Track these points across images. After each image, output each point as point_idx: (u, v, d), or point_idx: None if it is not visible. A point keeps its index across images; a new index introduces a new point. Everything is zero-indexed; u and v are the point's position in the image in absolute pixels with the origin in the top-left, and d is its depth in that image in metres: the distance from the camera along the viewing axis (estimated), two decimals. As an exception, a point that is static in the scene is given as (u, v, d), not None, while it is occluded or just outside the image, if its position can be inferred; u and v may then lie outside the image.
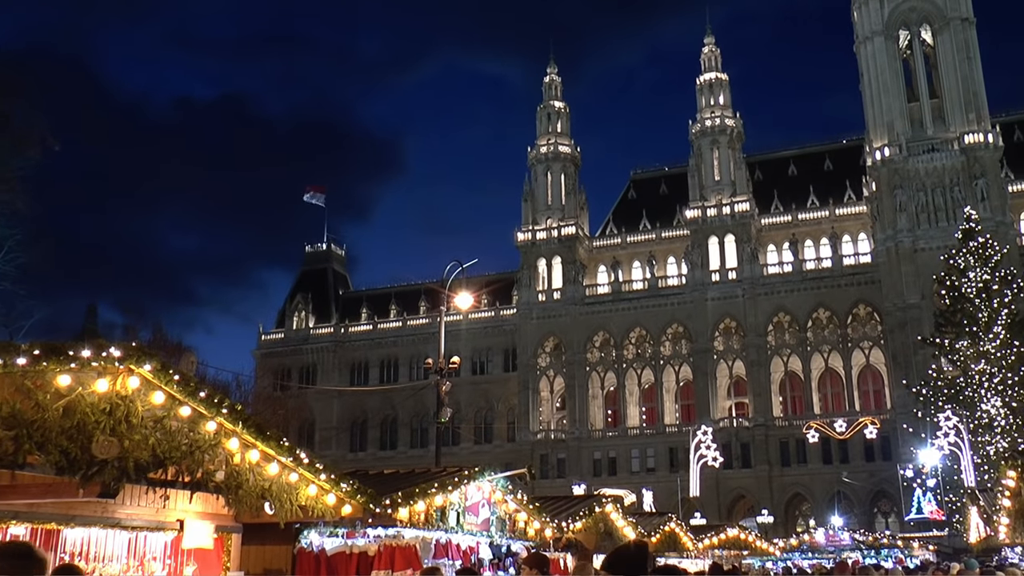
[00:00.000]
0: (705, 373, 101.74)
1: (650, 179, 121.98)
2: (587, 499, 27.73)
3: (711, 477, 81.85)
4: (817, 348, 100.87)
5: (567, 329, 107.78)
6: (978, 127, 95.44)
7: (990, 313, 68.56)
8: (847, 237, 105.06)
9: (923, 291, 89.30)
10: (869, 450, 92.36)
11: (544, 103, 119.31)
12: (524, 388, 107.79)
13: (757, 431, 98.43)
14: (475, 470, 17.27)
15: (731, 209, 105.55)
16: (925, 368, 76.82)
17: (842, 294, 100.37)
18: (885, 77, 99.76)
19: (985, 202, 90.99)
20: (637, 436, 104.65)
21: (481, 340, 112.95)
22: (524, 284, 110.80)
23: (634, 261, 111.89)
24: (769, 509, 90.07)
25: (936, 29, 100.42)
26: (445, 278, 34.66)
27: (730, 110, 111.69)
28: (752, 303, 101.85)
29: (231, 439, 10.37)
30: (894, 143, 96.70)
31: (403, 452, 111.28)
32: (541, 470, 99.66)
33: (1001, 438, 64.85)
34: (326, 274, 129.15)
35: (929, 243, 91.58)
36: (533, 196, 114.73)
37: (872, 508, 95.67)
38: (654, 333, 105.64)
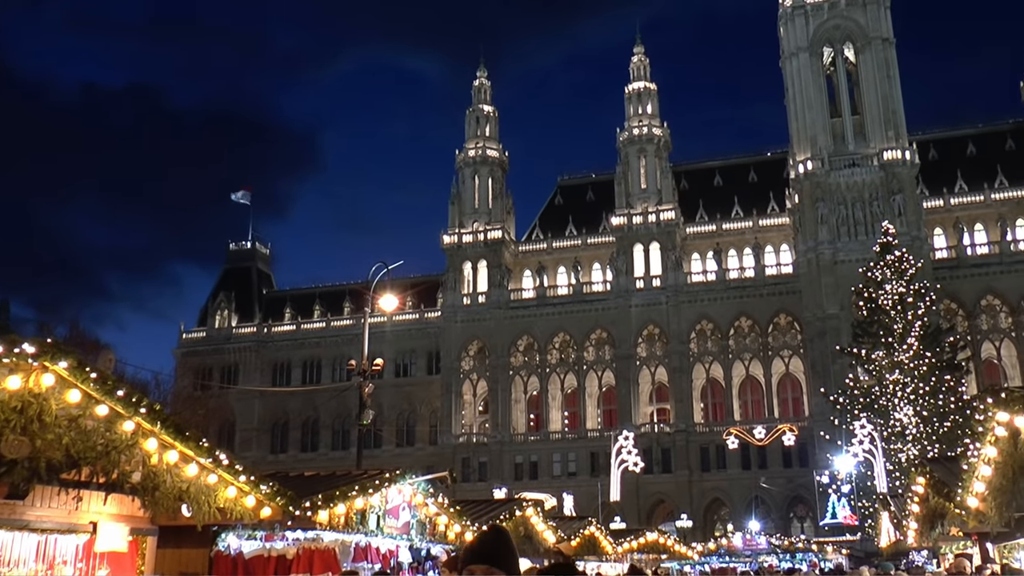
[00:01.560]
0: (628, 379, 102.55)
1: (577, 185, 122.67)
2: (508, 503, 27.78)
3: (632, 482, 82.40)
4: (738, 356, 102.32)
5: (491, 333, 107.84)
6: (896, 144, 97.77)
7: (904, 325, 70.26)
8: (770, 248, 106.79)
9: (842, 302, 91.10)
10: (787, 456, 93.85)
11: (473, 106, 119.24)
12: (447, 391, 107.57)
13: (678, 437, 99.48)
14: (396, 473, 17.19)
15: (657, 217, 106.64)
16: (842, 377, 78.40)
17: (764, 303, 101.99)
18: (809, 92, 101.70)
19: (902, 217, 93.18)
20: (559, 440, 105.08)
21: (405, 342, 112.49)
22: (449, 287, 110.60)
23: (560, 266, 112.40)
24: (688, 514, 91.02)
25: (859, 48, 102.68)
26: (370, 279, 34.47)
27: (658, 119, 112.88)
28: (675, 310, 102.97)
29: (149, 439, 10.18)
30: (817, 157, 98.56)
31: (324, 454, 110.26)
32: (463, 473, 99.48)
33: (912, 446, 66.47)
34: (250, 273, 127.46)
35: (848, 255, 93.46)
36: (460, 199, 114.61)
37: (789, 513, 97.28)
38: (578, 338, 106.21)
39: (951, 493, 15.40)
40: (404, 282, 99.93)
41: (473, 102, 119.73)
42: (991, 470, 11.87)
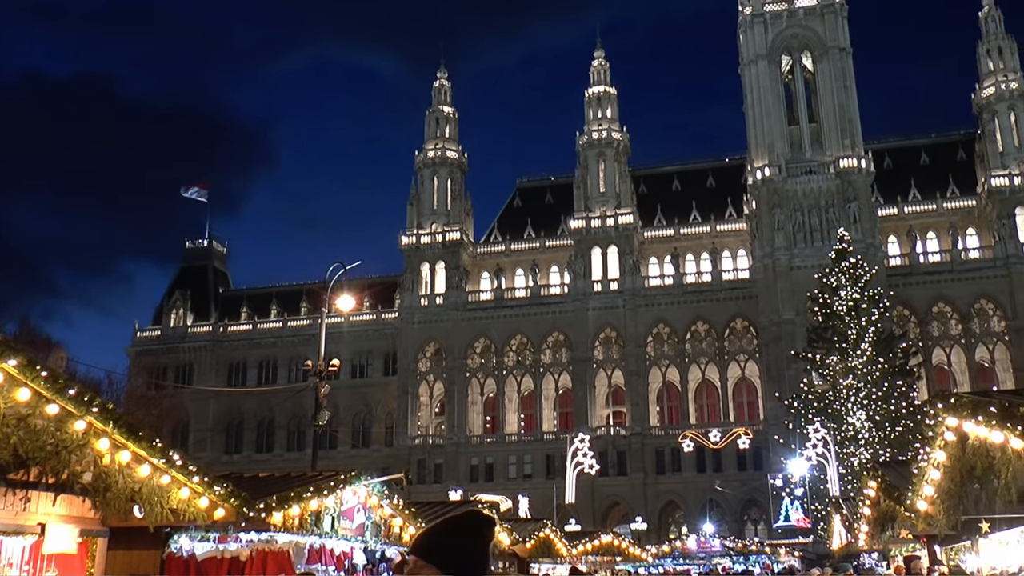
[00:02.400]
0: (584, 382, 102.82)
1: (536, 188, 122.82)
2: (463, 505, 27.74)
3: (587, 484, 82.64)
4: (695, 360, 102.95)
5: (448, 334, 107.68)
6: (852, 152, 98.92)
7: (858, 330, 71.14)
8: (727, 253, 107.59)
9: (797, 307, 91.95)
10: (742, 460, 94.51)
11: (433, 107, 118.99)
12: (403, 392, 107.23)
13: (634, 439, 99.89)
14: (351, 474, 17.11)
15: (615, 221, 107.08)
16: (797, 381, 79.19)
17: (720, 308, 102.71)
18: (767, 100, 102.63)
19: (857, 224, 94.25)
20: (515, 443, 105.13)
21: (362, 343, 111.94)
22: (407, 288, 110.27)
23: (517, 269, 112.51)
24: (643, 516, 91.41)
25: (816, 57, 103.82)
26: (327, 279, 34.27)
27: (617, 123, 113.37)
28: (633, 314, 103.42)
29: (101, 439, 10.05)
30: (774, 164, 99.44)
31: (279, 455, 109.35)
32: (418, 475, 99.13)
33: (864, 450, 67.31)
34: (206, 271, 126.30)
35: (804, 261, 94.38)
36: (419, 200, 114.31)
37: (743, 516, 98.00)
38: (535, 341, 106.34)
39: (901, 496, 15.61)
40: (361, 282, 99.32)
41: (433, 103, 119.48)
42: (940, 474, 12.03)
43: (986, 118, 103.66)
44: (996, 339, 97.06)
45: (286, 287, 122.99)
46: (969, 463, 10.22)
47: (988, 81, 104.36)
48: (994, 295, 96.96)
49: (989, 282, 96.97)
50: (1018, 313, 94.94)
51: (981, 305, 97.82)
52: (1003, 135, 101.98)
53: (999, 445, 8.57)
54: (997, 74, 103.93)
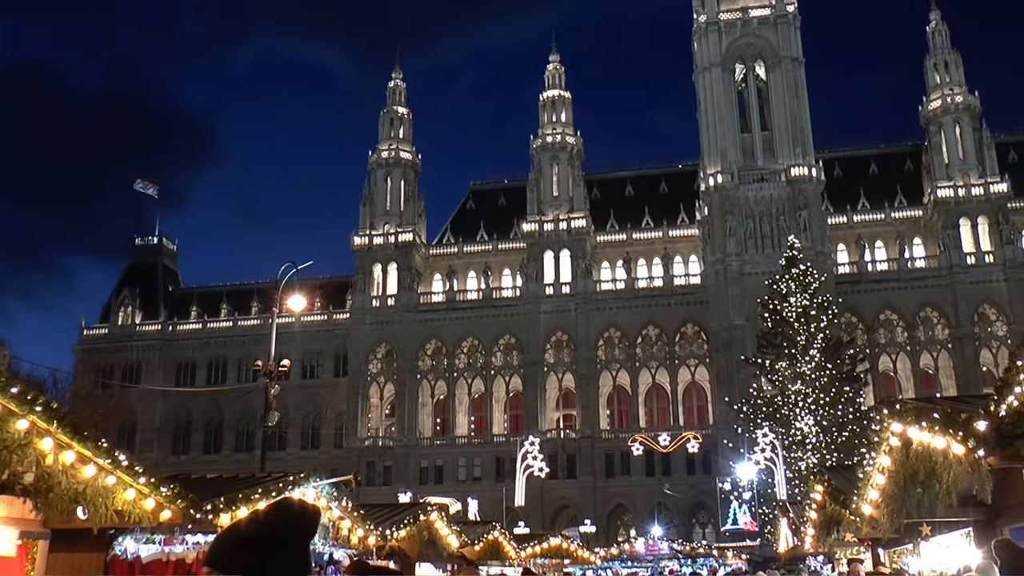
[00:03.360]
0: (535, 385, 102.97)
1: (490, 190, 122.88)
2: (412, 507, 27.62)
3: (536, 487, 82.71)
4: (645, 364, 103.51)
5: (400, 336, 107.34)
6: (804, 161, 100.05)
7: (807, 337, 71.90)
8: (679, 258, 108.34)
9: (748, 313, 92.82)
10: (691, 463, 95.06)
11: (387, 108, 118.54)
12: (354, 394, 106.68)
13: (583, 443, 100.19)
14: (300, 476, 16.95)
15: (568, 225, 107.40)
16: (746, 386, 79.84)
17: (671, 313, 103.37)
18: (721, 107, 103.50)
19: (807, 232, 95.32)
20: (465, 445, 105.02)
21: (313, 344, 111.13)
22: (359, 289, 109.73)
23: (470, 271, 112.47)
24: (592, 519, 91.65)
25: (769, 66, 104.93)
26: (279, 279, 34.02)
27: (571, 128, 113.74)
28: (584, 318, 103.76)
29: (44, 439, 9.88)
30: (727, 171, 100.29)
31: (228, 456, 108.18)
32: (368, 477, 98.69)
33: (811, 454, 68.02)
34: (156, 269, 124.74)
35: (755, 268, 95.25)
36: (372, 201, 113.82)
37: (691, 519, 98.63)
38: (486, 343, 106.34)
39: (847, 500, 15.79)
40: (313, 283, 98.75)
41: (387, 103, 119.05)
42: (885, 478, 12.19)
43: (933, 130, 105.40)
44: (940, 347, 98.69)
45: (237, 286, 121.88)
46: (912, 468, 10.36)
47: (935, 94, 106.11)
48: (939, 304, 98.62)
49: (934, 291, 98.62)
50: (961, 322, 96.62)
51: (926, 313, 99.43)
52: (949, 147, 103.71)
53: (941, 450, 8.70)
54: (943, 87, 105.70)
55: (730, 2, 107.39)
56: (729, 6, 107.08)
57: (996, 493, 9.42)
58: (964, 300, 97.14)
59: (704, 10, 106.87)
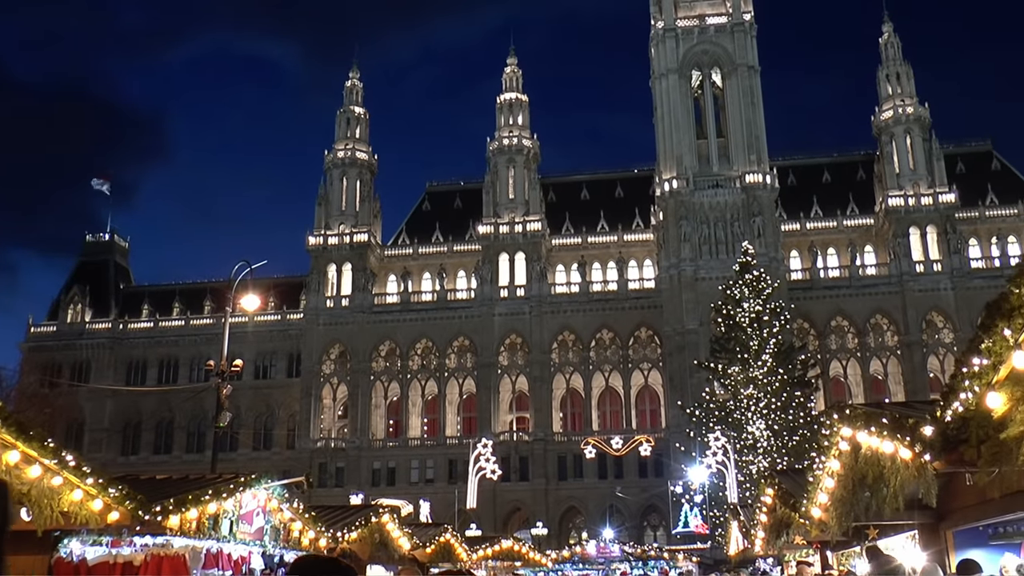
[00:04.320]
0: (489, 387, 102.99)
1: (446, 192, 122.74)
2: (364, 509, 27.52)
3: (489, 489, 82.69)
4: (599, 367, 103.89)
5: (353, 337, 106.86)
6: (758, 168, 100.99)
7: (760, 342, 72.48)
8: (633, 262, 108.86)
9: (701, 318, 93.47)
10: (643, 467, 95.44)
11: (344, 107, 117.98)
12: (306, 395, 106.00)
13: (536, 445, 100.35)
14: (252, 477, 16.80)
15: (523, 228, 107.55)
16: (699, 390, 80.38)
17: (625, 316, 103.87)
18: (677, 113, 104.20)
19: (761, 238, 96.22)
20: (418, 447, 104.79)
21: (266, 343, 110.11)
22: (313, 289, 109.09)
23: (425, 272, 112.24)
24: (544, 521, 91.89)
25: (725, 73, 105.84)
26: (232, 278, 33.71)
27: (528, 131, 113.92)
28: (539, 320, 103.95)
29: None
30: (682, 176, 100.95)
31: (178, 457, 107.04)
32: (320, 479, 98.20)
33: (763, 458, 68.54)
34: (107, 266, 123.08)
35: (709, 273, 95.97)
36: (327, 201, 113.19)
37: (642, 522, 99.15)
38: (440, 345, 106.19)
39: (796, 504, 15.97)
40: (267, 282, 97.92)
41: (344, 103, 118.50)
42: (834, 482, 12.35)
43: (884, 140, 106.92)
44: (889, 353, 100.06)
45: (189, 285, 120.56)
46: (861, 472, 10.50)
47: (887, 104, 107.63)
48: (888, 311, 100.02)
49: (884, 298, 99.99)
50: (910, 329, 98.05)
51: (876, 320, 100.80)
52: (900, 157, 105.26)
53: (889, 455, 8.83)
54: (895, 98, 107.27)
55: (687, 9, 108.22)
56: (687, 13, 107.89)
57: (941, 497, 9.60)
58: (913, 307, 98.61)
59: (662, 16, 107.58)
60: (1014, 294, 5.30)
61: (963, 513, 11.53)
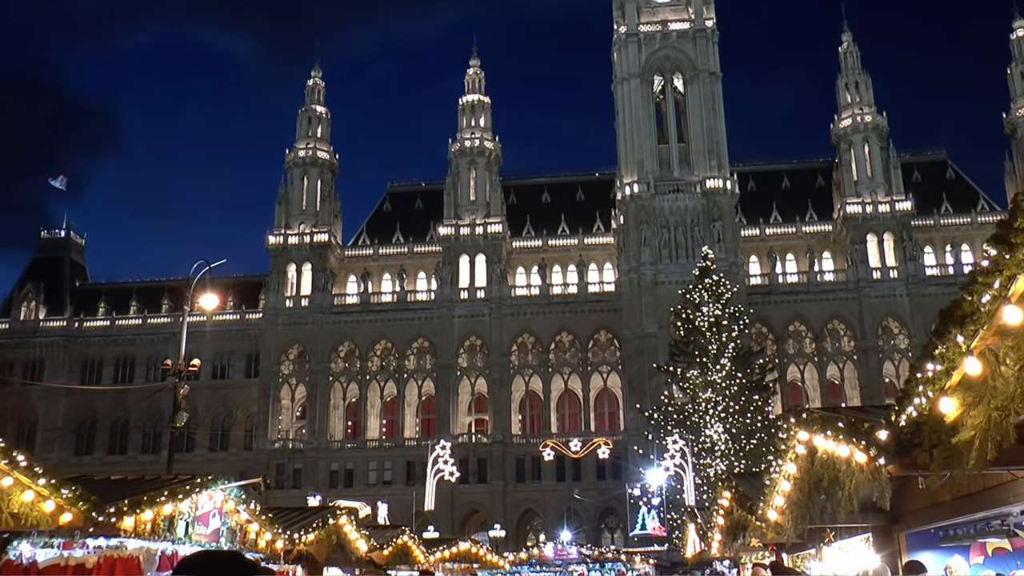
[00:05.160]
0: (448, 389, 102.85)
1: (407, 193, 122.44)
2: (321, 510, 27.39)
3: (447, 491, 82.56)
4: (558, 370, 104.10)
5: (312, 337, 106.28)
6: (719, 174, 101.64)
7: (719, 346, 72.99)
8: (593, 265, 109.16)
9: (660, 322, 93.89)
10: (601, 469, 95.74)
11: (306, 106, 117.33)
12: (264, 395, 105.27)
13: (495, 448, 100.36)
14: (208, 478, 16.67)
15: (484, 230, 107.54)
16: (658, 394, 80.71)
17: (585, 319, 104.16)
18: (638, 118, 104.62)
19: (721, 243, 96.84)
20: (376, 448, 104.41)
21: (224, 343, 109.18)
22: (272, 289, 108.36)
23: (385, 273, 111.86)
24: (502, 523, 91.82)
25: (687, 79, 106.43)
26: (191, 276, 33.41)
27: (490, 133, 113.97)
28: (498, 323, 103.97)
29: (-65, 438, 9.56)
30: (643, 181, 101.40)
31: (133, 457, 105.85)
32: (277, 480, 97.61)
33: (720, 461, 69.03)
34: (62, 263, 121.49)
35: (669, 277, 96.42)
36: (288, 200, 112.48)
37: (600, 524, 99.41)
38: (400, 346, 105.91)
39: (753, 506, 16.10)
40: (226, 281, 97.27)
41: (306, 102, 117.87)
42: (790, 485, 12.48)
43: (843, 148, 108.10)
44: (846, 358, 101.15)
45: (147, 283, 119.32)
46: (817, 475, 10.61)
47: (846, 113, 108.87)
48: (845, 316, 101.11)
49: (841, 304, 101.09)
50: (866, 334, 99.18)
51: (833, 325, 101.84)
52: (858, 165, 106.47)
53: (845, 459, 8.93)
54: (854, 107, 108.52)
55: (650, 14, 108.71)
56: (649, 19, 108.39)
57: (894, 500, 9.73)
58: (869, 313, 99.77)
59: (624, 21, 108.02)
60: (967, 301, 5.40)
61: (915, 516, 11.71)
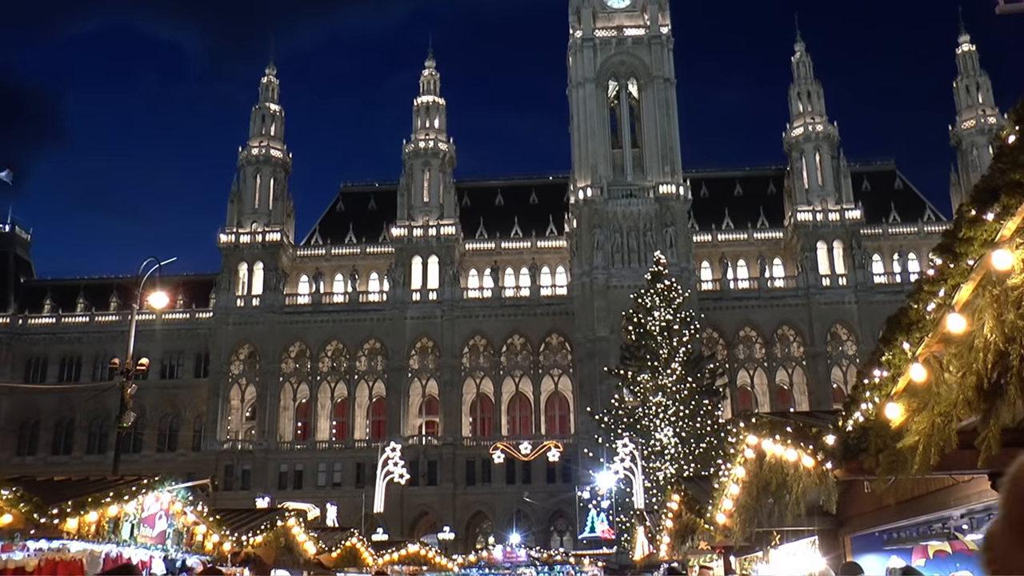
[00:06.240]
0: (399, 390, 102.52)
1: (360, 193, 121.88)
2: (270, 512, 27.25)
3: (397, 493, 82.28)
4: (510, 372, 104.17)
5: (263, 337, 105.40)
6: (672, 179, 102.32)
7: (670, 350, 73.39)
8: (546, 269, 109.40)
9: (612, 326, 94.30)
10: (551, 472, 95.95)
11: (260, 104, 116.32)
12: (214, 395, 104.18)
13: (445, 450, 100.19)
14: (155, 479, 16.50)
15: (437, 231, 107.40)
16: (609, 397, 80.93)
17: (537, 322, 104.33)
18: (593, 122, 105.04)
19: (673, 248, 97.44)
20: (326, 450, 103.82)
21: (174, 342, 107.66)
22: (223, 288, 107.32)
23: (337, 274, 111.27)
24: (451, 526, 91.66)
25: (642, 84, 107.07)
26: (140, 274, 33.02)
27: (444, 134, 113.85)
28: (450, 325, 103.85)
29: None
30: (596, 185, 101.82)
31: (78, 457, 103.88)
32: (225, 481, 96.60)
33: (670, 464, 69.35)
34: (6, 259, 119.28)
35: (621, 281, 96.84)
36: (240, 198, 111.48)
37: (549, 527, 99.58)
38: (351, 347, 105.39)
39: (702, 509, 16.24)
40: (176, 279, 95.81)
41: (260, 99, 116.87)
42: (739, 489, 12.62)
43: (795, 156, 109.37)
44: (795, 364, 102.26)
45: (95, 280, 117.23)
46: (765, 479, 10.73)
47: (798, 121, 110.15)
48: (795, 323, 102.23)
49: (791, 310, 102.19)
50: (815, 340, 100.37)
51: (783, 331, 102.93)
52: (809, 173, 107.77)
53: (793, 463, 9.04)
54: (805, 116, 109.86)
55: (606, 20, 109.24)
56: (605, 24, 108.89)
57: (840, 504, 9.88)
58: (819, 320, 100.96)
59: (580, 26, 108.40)
60: (913, 309, 5.51)
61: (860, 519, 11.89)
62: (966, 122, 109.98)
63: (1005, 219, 4.51)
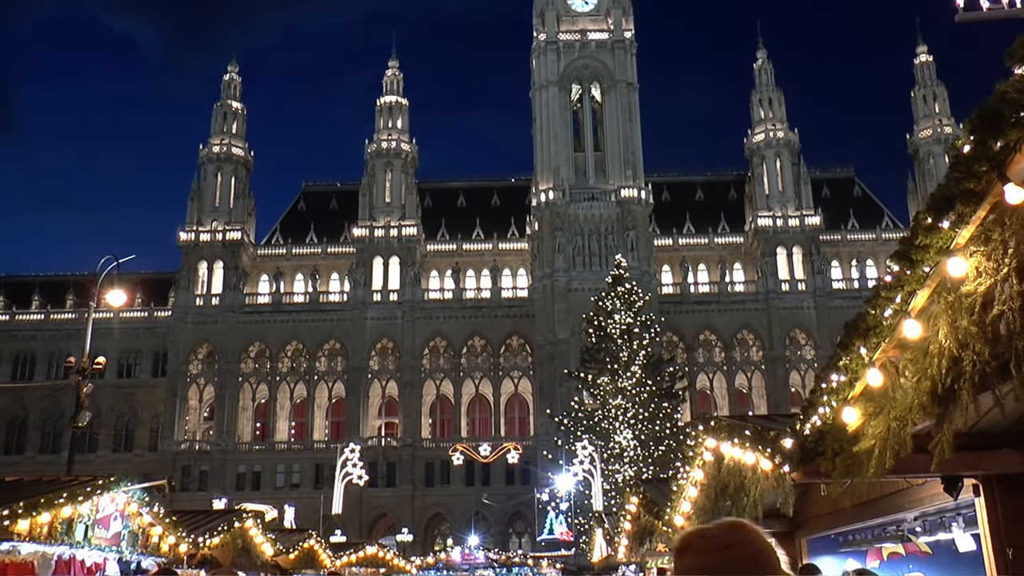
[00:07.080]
0: (358, 391, 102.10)
1: (322, 193, 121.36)
2: (227, 514, 27.03)
3: (355, 495, 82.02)
4: (470, 374, 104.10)
5: (222, 337, 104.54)
6: (634, 183, 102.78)
7: (630, 353, 73.71)
8: (507, 271, 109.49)
9: (573, 328, 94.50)
10: (510, 474, 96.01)
11: (221, 101, 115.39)
12: (172, 395, 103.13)
13: (404, 451, 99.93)
14: (110, 480, 16.31)
15: (399, 232, 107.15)
16: (568, 399, 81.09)
17: (498, 324, 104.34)
18: (556, 125, 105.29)
19: (634, 252, 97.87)
20: (285, 451, 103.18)
21: (131, 341, 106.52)
22: (183, 286, 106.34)
23: (297, 273, 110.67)
24: (410, 527, 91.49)
25: (605, 88, 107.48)
26: (98, 271, 32.66)
27: (407, 135, 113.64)
28: (411, 326, 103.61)
29: None
30: (558, 188, 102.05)
31: (31, 458, 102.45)
32: (182, 482, 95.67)
33: (629, 467, 69.63)
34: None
35: (582, 284, 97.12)
36: (200, 196, 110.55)
37: (508, 528, 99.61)
38: (311, 348, 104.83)
39: (660, 512, 16.32)
40: (135, 277, 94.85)
41: (221, 97, 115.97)
42: (697, 491, 12.70)
43: (756, 162, 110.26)
44: (754, 367, 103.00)
45: (50, 277, 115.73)
46: (724, 482, 10.81)
47: (759, 128, 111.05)
48: (755, 327, 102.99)
49: (751, 314, 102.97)
50: (774, 344, 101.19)
51: (743, 335, 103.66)
52: (769, 179, 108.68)
53: (751, 466, 9.11)
54: (767, 122, 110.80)
55: (570, 23, 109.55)
56: (569, 27, 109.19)
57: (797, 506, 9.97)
58: (778, 324, 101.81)
59: (544, 29, 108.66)
60: (870, 315, 5.58)
61: (817, 522, 12.00)
62: (923, 131, 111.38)
63: (960, 227, 4.59)
